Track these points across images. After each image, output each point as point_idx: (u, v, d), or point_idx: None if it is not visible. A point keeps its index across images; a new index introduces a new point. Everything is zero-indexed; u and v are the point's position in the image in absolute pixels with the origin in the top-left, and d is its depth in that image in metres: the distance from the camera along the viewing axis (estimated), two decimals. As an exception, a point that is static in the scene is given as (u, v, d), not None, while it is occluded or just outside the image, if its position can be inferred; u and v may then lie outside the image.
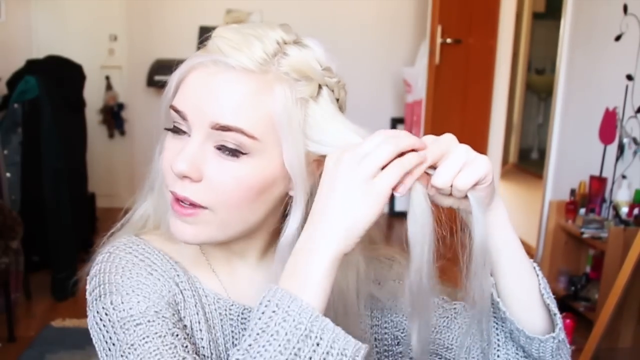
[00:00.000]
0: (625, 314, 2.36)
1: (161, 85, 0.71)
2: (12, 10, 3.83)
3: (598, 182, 2.83)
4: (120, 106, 4.38)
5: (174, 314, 0.68)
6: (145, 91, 4.32)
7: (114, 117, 4.36)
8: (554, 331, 0.70)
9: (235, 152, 0.64)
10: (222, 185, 0.65)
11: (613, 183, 2.78)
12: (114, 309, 0.65)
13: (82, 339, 2.51)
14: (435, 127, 3.88)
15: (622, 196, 2.64)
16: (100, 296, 0.67)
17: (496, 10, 4.11)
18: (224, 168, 0.65)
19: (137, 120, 4.41)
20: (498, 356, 0.74)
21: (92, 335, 0.67)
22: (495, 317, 0.74)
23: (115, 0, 4.28)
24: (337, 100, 0.70)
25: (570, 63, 3.21)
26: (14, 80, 3.09)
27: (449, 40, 3.90)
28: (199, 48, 0.68)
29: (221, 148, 0.64)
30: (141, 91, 4.34)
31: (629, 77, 2.71)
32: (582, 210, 2.84)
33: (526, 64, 6.04)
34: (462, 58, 4.00)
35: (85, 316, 0.69)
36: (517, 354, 0.74)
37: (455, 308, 0.81)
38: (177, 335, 0.65)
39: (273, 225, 0.72)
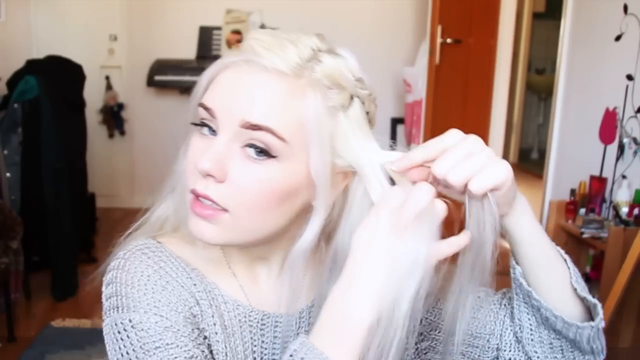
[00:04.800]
0: (625, 314, 2.36)
1: (161, 85, 0.71)
2: (12, 10, 3.83)
3: (598, 182, 2.83)
4: (120, 106, 4.38)
5: (193, 330, 0.67)
6: (145, 91, 4.32)
7: (114, 117, 4.36)
8: (592, 320, 0.71)
9: (262, 154, 0.63)
10: (245, 187, 0.63)
11: (613, 183, 2.78)
12: (132, 327, 0.64)
13: (82, 339, 2.52)
14: (435, 127, 3.87)
15: (622, 196, 2.64)
16: (117, 308, 0.66)
17: (496, 10, 4.10)
18: (250, 170, 0.63)
19: (137, 120, 4.41)
20: (532, 339, 0.75)
21: (106, 342, 0.66)
22: (526, 303, 0.74)
23: (115, 0, 4.27)
24: (367, 113, 0.69)
25: (570, 63, 3.21)
26: (14, 80, 3.09)
27: (449, 40, 3.89)
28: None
29: (249, 148, 0.63)
30: (141, 91, 4.34)
31: (629, 77, 2.71)
32: (582, 210, 2.83)
33: (526, 64, 6.04)
34: (462, 58, 3.99)
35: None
36: (549, 336, 0.74)
37: (479, 297, 0.80)
38: (197, 357, 0.64)
39: (296, 233, 0.70)
